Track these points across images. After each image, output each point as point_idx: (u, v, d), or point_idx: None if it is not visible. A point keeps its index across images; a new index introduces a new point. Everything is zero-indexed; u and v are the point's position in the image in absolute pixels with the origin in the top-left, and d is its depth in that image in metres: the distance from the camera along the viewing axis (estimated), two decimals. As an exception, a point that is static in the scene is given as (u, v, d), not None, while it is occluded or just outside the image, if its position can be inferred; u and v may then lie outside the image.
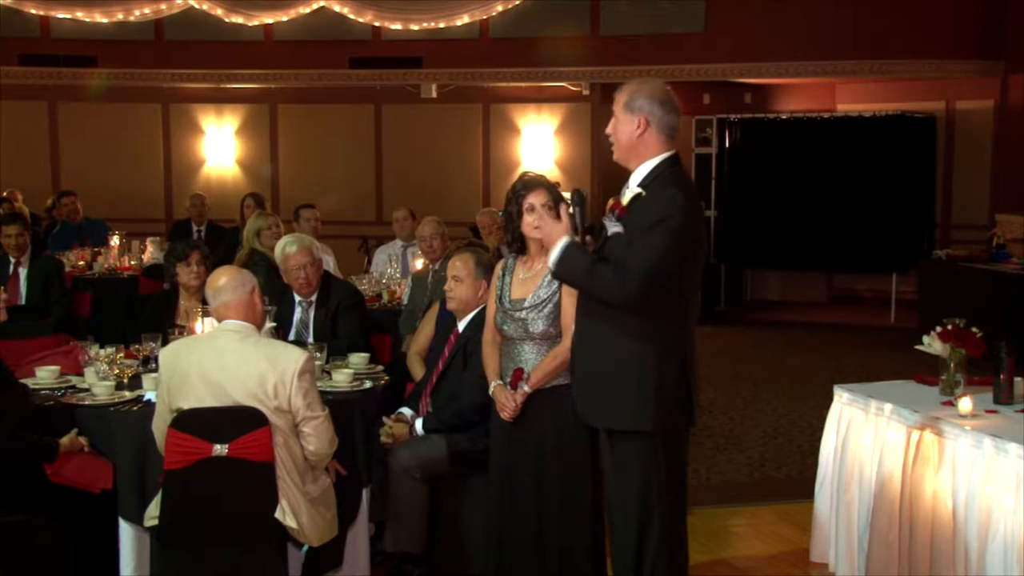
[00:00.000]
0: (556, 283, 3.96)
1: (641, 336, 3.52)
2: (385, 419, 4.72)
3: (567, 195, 4.23)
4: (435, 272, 6.48)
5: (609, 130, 3.66)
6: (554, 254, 3.55)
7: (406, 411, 4.83)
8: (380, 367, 5.06)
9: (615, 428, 3.64)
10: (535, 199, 3.98)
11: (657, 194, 3.51)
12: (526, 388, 3.99)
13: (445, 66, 12.75)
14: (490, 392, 4.11)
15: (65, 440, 4.07)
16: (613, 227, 3.56)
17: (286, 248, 5.48)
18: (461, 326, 4.81)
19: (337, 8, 12.36)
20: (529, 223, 3.93)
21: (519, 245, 4.11)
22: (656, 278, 3.44)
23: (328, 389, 4.50)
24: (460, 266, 4.78)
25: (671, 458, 3.63)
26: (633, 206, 3.55)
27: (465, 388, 4.61)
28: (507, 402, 4.01)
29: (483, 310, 4.67)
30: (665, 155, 3.58)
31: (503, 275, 4.16)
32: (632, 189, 3.58)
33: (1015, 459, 3.64)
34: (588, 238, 3.69)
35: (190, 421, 3.79)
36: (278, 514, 3.82)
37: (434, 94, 13.07)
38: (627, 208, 3.56)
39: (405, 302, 6.73)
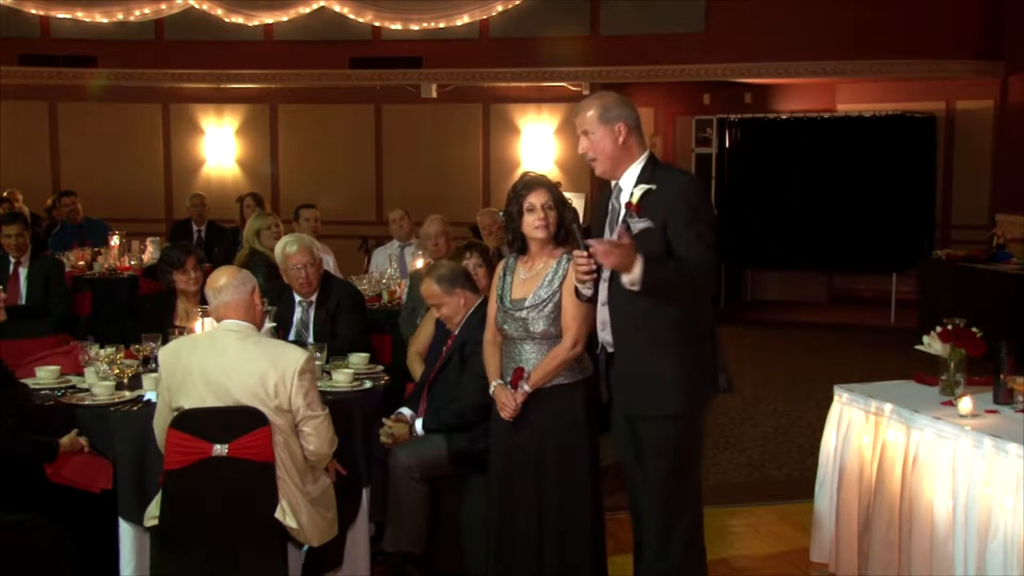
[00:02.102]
0: (557, 283, 3.98)
1: (677, 322, 3.66)
2: (385, 420, 4.73)
3: (568, 195, 4.27)
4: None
5: (585, 149, 3.77)
6: (637, 272, 3.49)
7: (405, 411, 4.84)
8: (380, 367, 5.06)
9: (655, 415, 3.72)
10: (536, 199, 4.00)
11: (673, 182, 3.68)
12: (526, 387, 3.99)
13: (445, 66, 12.74)
14: (491, 391, 4.12)
15: (65, 440, 4.07)
16: (640, 224, 3.64)
17: (286, 248, 5.49)
18: (456, 329, 4.83)
19: (337, 8, 12.35)
20: (530, 223, 3.98)
21: (520, 245, 4.11)
22: (714, 257, 3.64)
23: (328, 389, 4.50)
24: (430, 294, 4.87)
25: (699, 440, 3.86)
26: (646, 200, 3.66)
27: (465, 389, 4.62)
28: (507, 401, 4.01)
29: (477, 310, 4.71)
30: (647, 153, 3.78)
31: (504, 275, 4.16)
32: (638, 188, 3.68)
33: (1015, 459, 3.64)
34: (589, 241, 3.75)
35: (190, 421, 3.80)
36: (278, 514, 3.82)
37: (434, 94, 13.07)
38: (640, 205, 3.66)
39: (405, 301, 6.73)
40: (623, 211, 3.75)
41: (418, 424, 4.71)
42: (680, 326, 3.68)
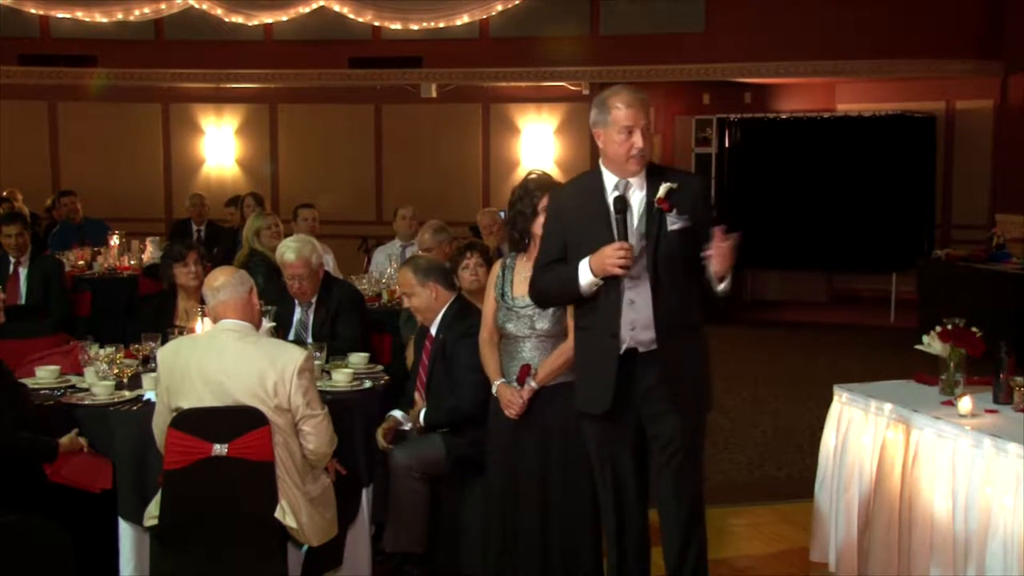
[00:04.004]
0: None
1: (702, 327, 3.79)
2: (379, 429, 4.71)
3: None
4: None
5: (646, 142, 3.73)
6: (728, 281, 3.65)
7: (397, 413, 4.84)
8: (380, 367, 5.06)
9: (700, 414, 3.80)
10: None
11: (692, 182, 3.78)
12: (533, 384, 4.00)
13: (445, 66, 12.74)
14: (494, 391, 4.11)
15: (65, 440, 4.07)
16: (678, 223, 3.63)
17: (285, 255, 5.40)
18: (433, 329, 4.80)
19: (337, 8, 12.35)
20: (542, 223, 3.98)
21: (525, 243, 4.11)
22: None
23: (328, 389, 4.50)
24: (404, 282, 4.85)
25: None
26: (671, 198, 3.66)
27: (459, 386, 4.58)
28: (513, 399, 4.01)
29: (450, 308, 4.70)
30: None
31: (503, 273, 4.16)
32: (662, 186, 3.66)
33: (1015, 459, 3.64)
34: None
35: (190, 421, 3.80)
36: (278, 514, 3.82)
37: (434, 94, 13.07)
38: (668, 202, 3.65)
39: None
40: (638, 207, 3.67)
41: (421, 415, 4.69)
42: (702, 327, 3.79)
